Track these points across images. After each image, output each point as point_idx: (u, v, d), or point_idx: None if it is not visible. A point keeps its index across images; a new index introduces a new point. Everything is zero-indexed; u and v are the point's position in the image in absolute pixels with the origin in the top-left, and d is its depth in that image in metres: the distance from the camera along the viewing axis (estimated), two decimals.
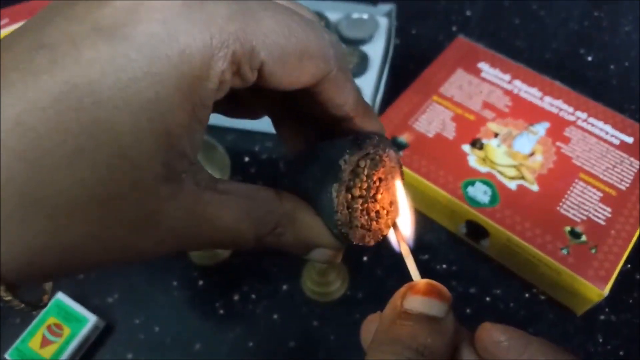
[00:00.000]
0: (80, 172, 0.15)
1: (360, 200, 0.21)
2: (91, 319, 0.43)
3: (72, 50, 0.14)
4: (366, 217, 0.22)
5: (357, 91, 0.22)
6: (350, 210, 0.21)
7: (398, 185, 0.23)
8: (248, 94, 0.23)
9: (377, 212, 0.22)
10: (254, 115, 0.25)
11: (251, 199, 0.19)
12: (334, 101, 0.21)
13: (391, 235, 0.24)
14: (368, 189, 0.22)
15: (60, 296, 0.44)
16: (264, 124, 0.54)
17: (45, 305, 0.22)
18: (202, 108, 0.17)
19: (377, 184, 0.22)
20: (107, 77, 0.14)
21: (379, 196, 0.22)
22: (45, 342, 0.42)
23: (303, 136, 0.25)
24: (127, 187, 0.15)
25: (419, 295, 0.21)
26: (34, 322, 0.43)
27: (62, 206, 0.15)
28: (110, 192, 0.15)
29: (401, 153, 0.47)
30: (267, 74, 0.18)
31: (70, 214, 0.15)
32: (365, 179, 0.21)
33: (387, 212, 0.23)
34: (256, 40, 0.17)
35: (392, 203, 0.23)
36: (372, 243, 0.23)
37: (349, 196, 0.21)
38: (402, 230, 0.23)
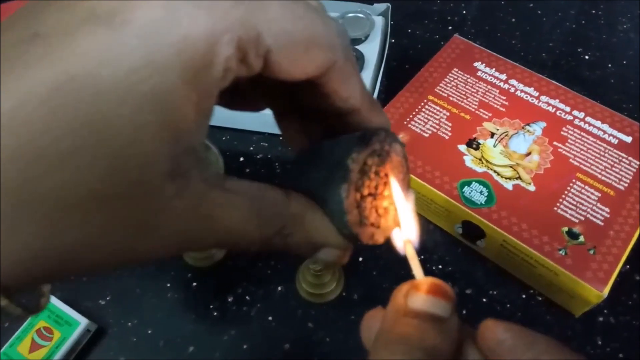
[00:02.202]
0: (79, 171, 0.14)
1: (370, 199, 0.21)
2: (82, 322, 0.42)
3: (68, 40, 0.14)
4: (375, 214, 0.22)
5: (363, 83, 0.21)
6: (359, 209, 0.20)
7: (404, 181, 0.23)
8: (250, 85, 0.23)
9: (386, 208, 0.22)
10: (255, 107, 0.24)
11: (259, 198, 0.18)
12: (339, 93, 0.20)
13: (394, 236, 0.23)
14: (376, 186, 0.21)
15: (51, 299, 0.43)
16: (260, 124, 0.54)
17: (43, 308, 0.22)
18: (208, 98, 0.16)
19: (385, 179, 0.22)
20: (106, 67, 0.14)
21: (386, 192, 0.22)
22: (34, 347, 0.41)
23: (307, 133, 0.24)
24: (130, 186, 0.15)
25: (423, 294, 0.20)
26: (23, 325, 0.42)
27: (60, 208, 0.14)
28: (112, 191, 0.14)
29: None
30: (273, 63, 0.17)
31: (69, 216, 0.14)
32: (373, 176, 0.21)
33: (395, 207, 0.22)
34: (262, 26, 0.16)
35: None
36: (381, 241, 0.22)
37: (358, 196, 0.20)
38: (407, 230, 0.23)
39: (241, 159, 0.53)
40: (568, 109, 0.49)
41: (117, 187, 0.14)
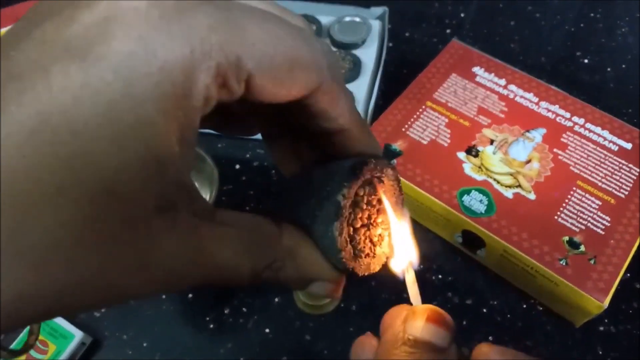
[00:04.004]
0: (63, 213, 0.13)
1: (363, 230, 0.21)
2: (77, 334, 0.42)
3: (42, 78, 0.13)
4: (369, 245, 0.21)
5: (352, 103, 0.20)
6: (353, 243, 0.20)
7: (398, 204, 0.22)
8: (240, 108, 0.22)
9: (380, 235, 0.21)
10: (249, 132, 0.24)
11: (251, 231, 0.18)
12: (327, 113, 0.19)
13: (392, 261, 0.22)
14: (369, 216, 0.21)
15: None
16: None
17: (32, 346, 0.21)
18: (189, 127, 0.15)
19: (377, 206, 0.21)
20: (83, 104, 0.13)
21: (379, 219, 0.21)
22: None
23: (298, 156, 0.24)
24: (116, 225, 0.14)
25: (422, 321, 0.20)
26: (18, 338, 0.41)
27: (46, 253, 0.13)
28: (98, 232, 0.14)
29: (394, 162, 0.46)
30: (256, 86, 0.16)
31: (54, 259, 0.13)
32: (365, 207, 0.20)
33: (389, 232, 0.22)
34: (242, 50, 0.15)
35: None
36: (378, 269, 0.22)
37: (351, 229, 0.20)
38: (405, 255, 0.22)
39: (237, 166, 0.52)
40: (568, 115, 0.48)
41: (104, 227, 0.14)
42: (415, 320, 0.20)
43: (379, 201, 0.21)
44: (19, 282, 0.13)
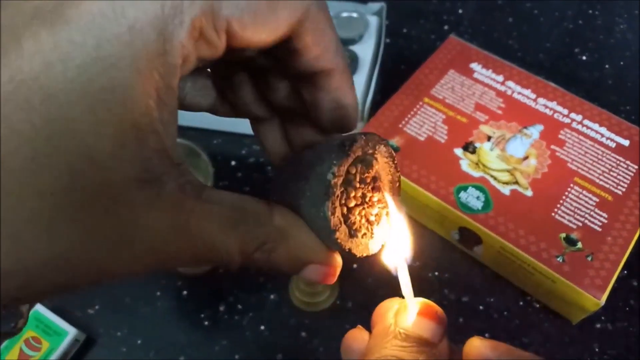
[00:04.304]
0: (39, 182, 0.13)
1: (358, 209, 0.20)
2: (71, 331, 0.41)
3: (14, 44, 0.13)
4: (366, 224, 0.20)
5: (338, 41, 0.19)
6: (348, 223, 0.19)
7: (394, 182, 0.21)
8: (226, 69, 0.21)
9: (377, 214, 0.21)
10: (242, 110, 0.23)
11: (240, 210, 0.17)
12: (311, 50, 0.18)
13: (385, 254, 0.22)
14: (363, 194, 0.20)
15: (39, 308, 0.42)
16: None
17: (20, 330, 0.21)
18: (167, 90, 0.15)
19: (372, 184, 0.20)
20: (54, 69, 0.13)
21: (375, 197, 0.20)
22: (22, 357, 0.40)
23: (286, 144, 0.23)
24: (95, 195, 0.14)
25: (414, 315, 0.20)
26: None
27: (24, 224, 0.13)
28: (76, 202, 0.13)
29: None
30: (237, 31, 0.15)
31: (33, 232, 0.13)
32: (358, 185, 0.20)
33: (387, 211, 0.21)
34: None
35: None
36: (377, 249, 0.21)
37: (345, 209, 0.19)
38: (399, 247, 0.21)
39: (232, 162, 0.52)
40: (566, 111, 0.48)
41: (82, 196, 0.13)
42: (407, 313, 0.20)
43: (374, 179, 0.20)
44: None
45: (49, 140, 0.13)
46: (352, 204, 0.19)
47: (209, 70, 0.22)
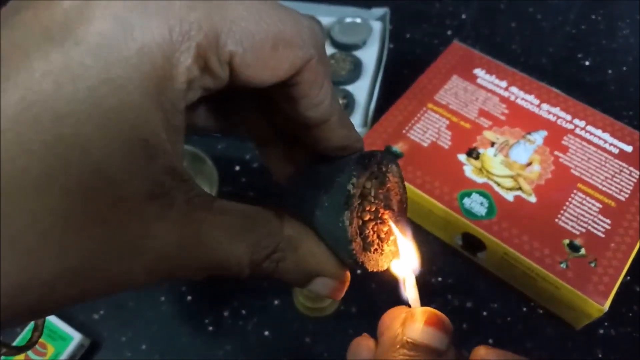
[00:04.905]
0: (51, 198, 0.13)
1: (371, 224, 0.20)
2: (76, 336, 0.42)
3: (24, 63, 0.13)
4: (377, 240, 0.21)
5: (335, 94, 0.20)
6: (362, 236, 0.20)
7: (401, 203, 0.22)
8: (229, 103, 0.22)
9: (387, 231, 0.21)
10: (243, 132, 0.23)
11: (249, 219, 0.18)
12: (309, 99, 0.18)
13: (394, 264, 0.22)
14: (377, 210, 0.20)
15: None
16: None
17: (35, 343, 0.21)
18: (175, 113, 0.15)
19: (385, 201, 0.21)
20: (64, 89, 0.13)
21: (385, 216, 0.21)
22: None
23: (289, 162, 0.23)
24: (107, 210, 0.14)
25: (420, 324, 0.20)
26: (16, 341, 0.41)
27: (36, 240, 0.13)
28: (87, 216, 0.14)
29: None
30: (239, 67, 0.16)
31: (46, 247, 0.13)
32: (373, 200, 0.20)
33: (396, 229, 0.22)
34: (222, 29, 0.15)
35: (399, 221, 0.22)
36: (385, 267, 0.21)
37: (360, 222, 0.20)
38: (407, 257, 0.22)
39: (237, 167, 0.52)
40: (569, 117, 0.48)
41: (94, 212, 0.14)
42: (414, 323, 0.20)
43: (385, 196, 0.21)
44: (11, 272, 0.13)
45: (60, 158, 0.13)
46: (367, 218, 0.20)
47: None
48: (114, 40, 0.14)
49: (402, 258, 0.22)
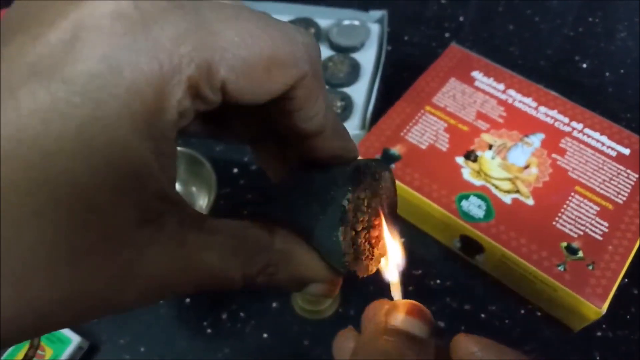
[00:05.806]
0: (42, 232, 0.13)
1: (364, 233, 0.21)
2: (74, 339, 0.42)
3: (10, 101, 0.13)
4: (368, 246, 0.21)
5: (330, 106, 0.20)
6: (355, 246, 0.20)
7: (392, 205, 0.22)
8: (222, 113, 0.22)
9: (377, 236, 0.22)
10: (238, 138, 0.24)
11: (239, 237, 0.18)
12: (304, 112, 0.19)
13: (381, 265, 0.23)
14: (369, 219, 0.21)
15: None
16: None
17: (31, 358, 0.21)
18: (165, 141, 0.15)
19: (376, 208, 0.21)
20: (53, 127, 0.13)
21: (376, 221, 0.21)
22: None
23: (283, 161, 0.24)
24: (98, 240, 0.14)
25: (403, 314, 0.21)
26: (6, 353, 0.41)
27: (27, 272, 0.13)
28: (78, 247, 0.14)
29: (393, 165, 0.46)
30: (233, 91, 0.16)
31: (36, 278, 0.13)
32: (366, 210, 0.20)
33: (384, 232, 0.22)
34: (214, 58, 0.15)
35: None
36: (374, 270, 0.22)
37: (353, 233, 0.20)
38: (393, 256, 0.22)
39: (235, 170, 0.52)
40: (567, 120, 0.48)
41: (85, 242, 0.14)
42: (396, 312, 0.21)
43: (377, 204, 0.21)
44: (6, 303, 0.13)
45: (49, 194, 0.13)
46: (359, 228, 0.20)
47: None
48: (102, 80, 0.13)
49: (388, 257, 0.22)
